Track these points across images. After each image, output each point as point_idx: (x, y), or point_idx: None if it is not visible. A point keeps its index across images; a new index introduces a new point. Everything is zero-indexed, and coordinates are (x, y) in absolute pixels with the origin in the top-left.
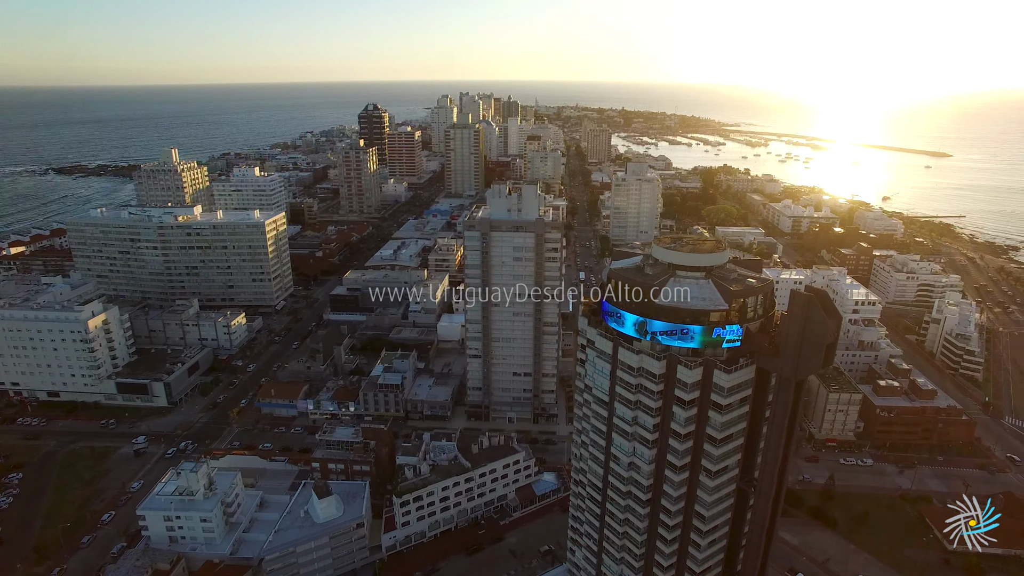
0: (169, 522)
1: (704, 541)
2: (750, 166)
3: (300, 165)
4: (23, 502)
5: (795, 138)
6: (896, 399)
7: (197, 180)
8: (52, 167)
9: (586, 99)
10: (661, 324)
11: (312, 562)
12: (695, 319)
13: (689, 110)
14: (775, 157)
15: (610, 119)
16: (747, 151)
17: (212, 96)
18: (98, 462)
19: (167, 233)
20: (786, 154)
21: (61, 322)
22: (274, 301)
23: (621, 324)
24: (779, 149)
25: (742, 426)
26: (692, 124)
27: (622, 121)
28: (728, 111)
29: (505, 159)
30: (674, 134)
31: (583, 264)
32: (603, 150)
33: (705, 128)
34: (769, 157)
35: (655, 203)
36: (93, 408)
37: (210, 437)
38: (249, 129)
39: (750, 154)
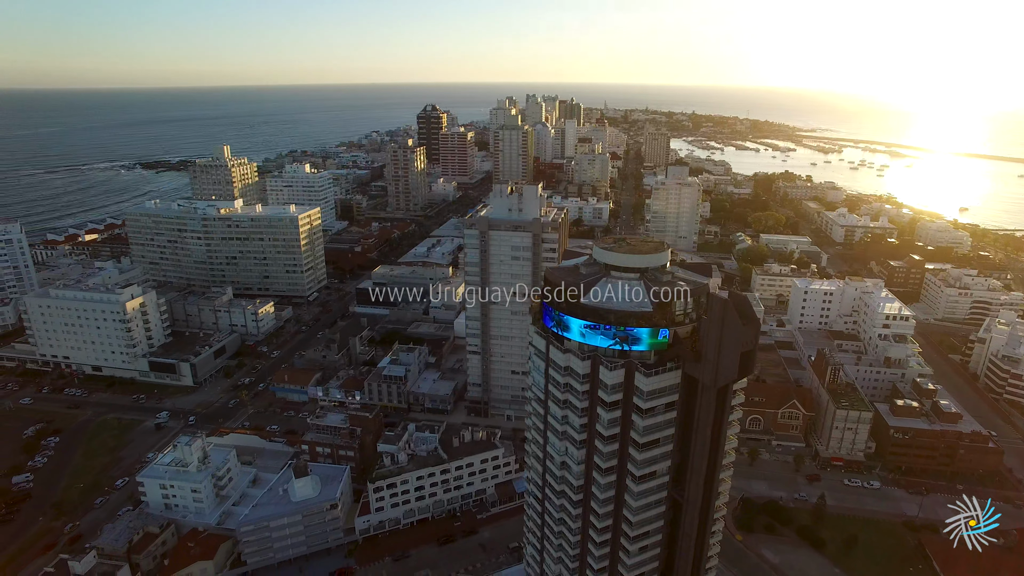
0: (164, 490)
1: (633, 547)
2: (818, 173)
3: (359, 163)
4: (54, 463)
5: (873, 144)
6: (914, 420)
7: (246, 175)
8: (139, 162)
9: (658, 103)
10: (583, 323)
11: (285, 537)
12: (618, 320)
13: (764, 114)
14: (847, 164)
15: (678, 123)
16: (818, 157)
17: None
18: (123, 433)
19: (210, 224)
20: (859, 161)
21: (103, 303)
22: (306, 292)
23: (554, 323)
24: (854, 156)
25: (670, 432)
26: (764, 129)
27: (691, 125)
28: (806, 115)
29: (559, 161)
30: (743, 139)
31: None
32: (660, 154)
33: (777, 133)
34: (840, 164)
35: (695, 207)
36: (129, 383)
37: (225, 416)
38: (322, 128)
39: (820, 160)
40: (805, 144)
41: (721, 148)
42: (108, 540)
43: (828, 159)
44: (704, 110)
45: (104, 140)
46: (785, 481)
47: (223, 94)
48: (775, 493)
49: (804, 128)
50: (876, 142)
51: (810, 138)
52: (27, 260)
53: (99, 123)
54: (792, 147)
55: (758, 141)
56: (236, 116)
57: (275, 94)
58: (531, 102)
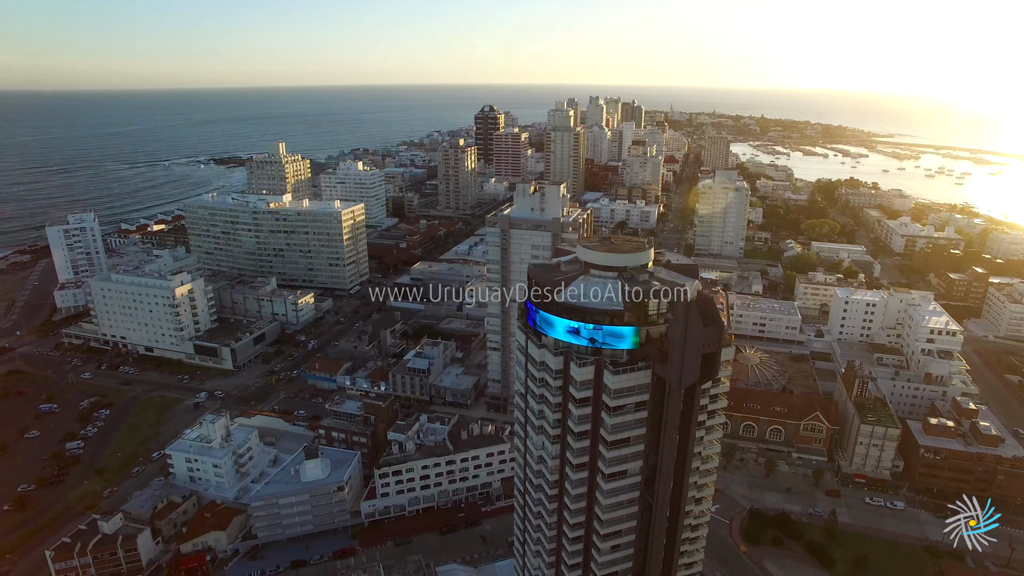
0: (189, 463)
1: (604, 545)
2: (890, 180)
3: (416, 162)
4: (102, 434)
5: (956, 151)
6: (948, 441)
7: (300, 171)
8: (214, 158)
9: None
10: (558, 320)
11: (293, 515)
12: (591, 318)
13: (838, 119)
14: (923, 172)
15: (745, 127)
16: (891, 164)
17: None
18: (165, 410)
19: (259, 217)
20: (937, 168)
21: (155, 288)
22: (347, 285)
23: (533, 319)
24: (932, 163)
25: (640, 432)
26: (836, 134)
27: (758, 129)
28: (885, 120)
29: (615, 163)
30: (813, 144)
31: None
32: (720, 158)
33: (850, 138)
34: (916, 171)
35: (742, 212)
36: (175, 364)
37: (258, 399)
38: (387, 127)
39: (893, 167)
40: (879, 150)
41: (787, 153)
42: (135, 505)
43: (902, 166)
44: (774, 114)
45: (184, 137)
46: (802, 495)
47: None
48: (789, 506)
49: (880, 133)
50: (959, 148)
51: (886, 143)
52: (99, 247)
53: (180, 121)
54: (864, 153)
55: (828, 146)
56: (307, 115)
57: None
58: (592, 104)
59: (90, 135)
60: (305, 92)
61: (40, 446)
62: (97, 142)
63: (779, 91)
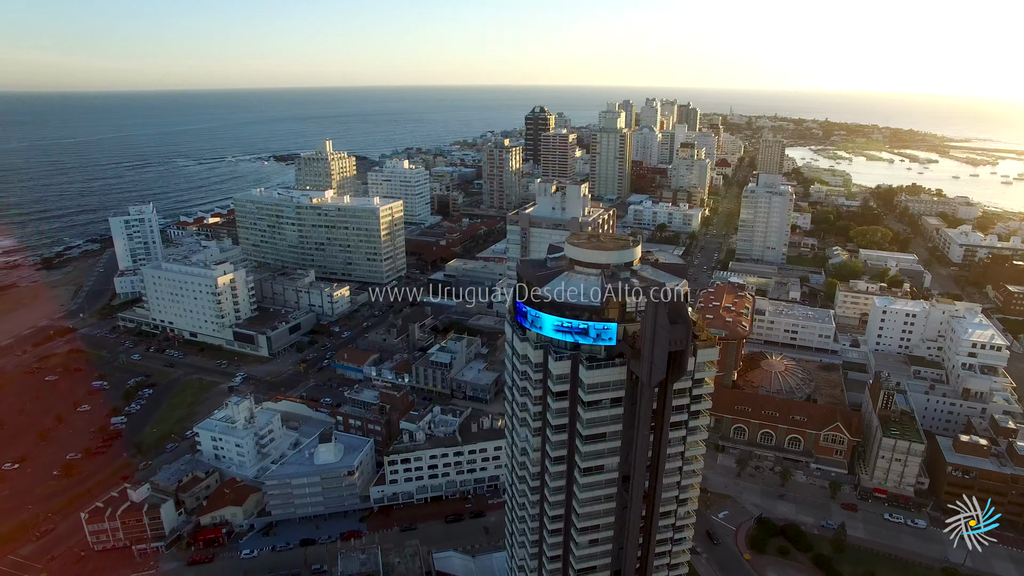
0: (215, 442)
1: (582, 539)
2: (961, 187)
3: (467, 161)
4: (145, 411)
5: None
6: (979, 460)
7: (345, 169)
8: (274, 155)
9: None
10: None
11: (305, 496)
12: (570, 313)
13: (908, 123)
14: (999, 178)
15: (807, 131)
16: (964, 170)
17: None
18: (202, 392)
19: (302, 212)
20: (1017, 175)
21: (199, 277)
22: (384, 280)
23: (519, 314)
24: (1011, 169)
25: (616, 428)
26: (905, 138)
27: (821, 133)
28: (961, 124)
29: (664, 166)
30: (879, 148)
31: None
32: (774, 162)
33: (920, 143)
34: (992, 178)
35: (785, 218)
36: (216, 350)
37: (289, 386)
38: (443, 127)
39: (966, 173)
40: (952, 155)
41: (850, 158)
42: (163, 478)
43: (976, 172)
44: (840, 117)
45: (249, 135)
46: (816, 507)
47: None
48: (801, 518)
49: (956, 138)
50: None
51: (960, 148)
52: (155, 237)
53: (247, 120)
54: (935, 158)
55: (895, 151)
56: (369, 115)
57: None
58: (647, 106)
59: (161, 132)
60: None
61: (90, 419)
62: (168, 139)
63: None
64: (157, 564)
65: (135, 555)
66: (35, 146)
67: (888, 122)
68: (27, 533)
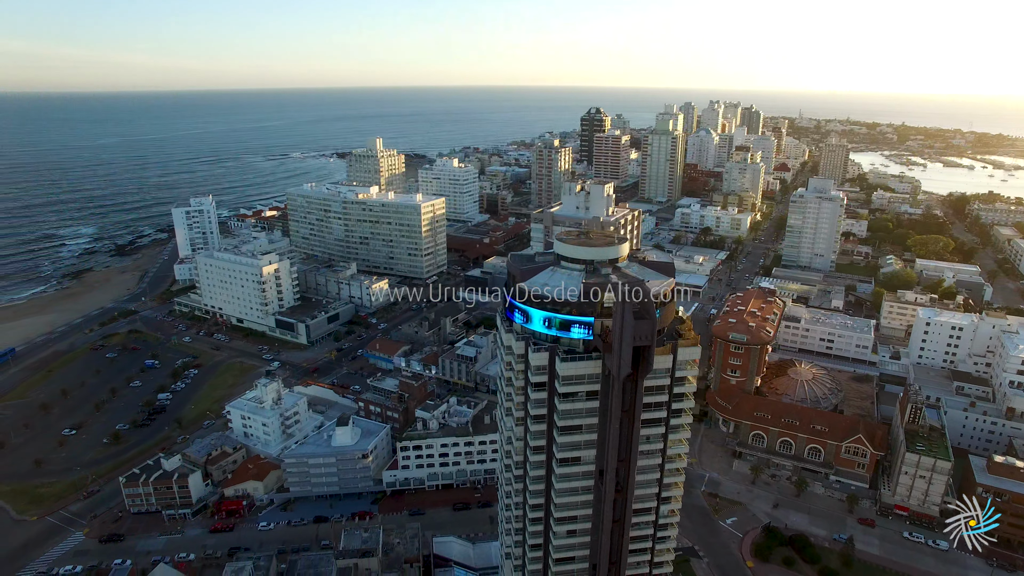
0: (244, 420)
1: (559, 528)
2: None
3: (521, 161)
4: (189, 390)
5: None
6: (1014, 483)
7: (394, 166)
8: (337, 152)
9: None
10: (522, 307)
11: (321, 475)
12: (550, 307)
13: (995, 126)
14: None
15: (880, 135)
16: None
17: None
18: (241, 374)
19: (348, 207)
20: None
21: (245, 266)
22: (424, 275)
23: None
24: None
25: (592, 421)
26: (991, 143)
27: (895, 137)
28: None
29: (719, 169)
30: (959, 154)
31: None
32: (837, 167)
33: (1009, 148)
34: None
35: (834, 224)
36: (260, 336)
37: (322, 372)
38: (502, 127)
39: None
40: None
41: (924, 164)
42: (194, 450)
43: None
44: (918, 121)
45: (315, 133)
46: (831, 519)
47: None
48: (813, 529)
49: None
50: None
51: None
52: (213, 227)
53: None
54: (1020, 165)
55: (978, 157)
56: (432, 114)
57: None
58: (709, 109)
59: (233, 129)
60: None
61: (139, 394)
62: (238, 135)
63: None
64: (184, 529)
65: (164, 519)
66: (125, 141)
67: (973, 126)
68: (76, 493)
